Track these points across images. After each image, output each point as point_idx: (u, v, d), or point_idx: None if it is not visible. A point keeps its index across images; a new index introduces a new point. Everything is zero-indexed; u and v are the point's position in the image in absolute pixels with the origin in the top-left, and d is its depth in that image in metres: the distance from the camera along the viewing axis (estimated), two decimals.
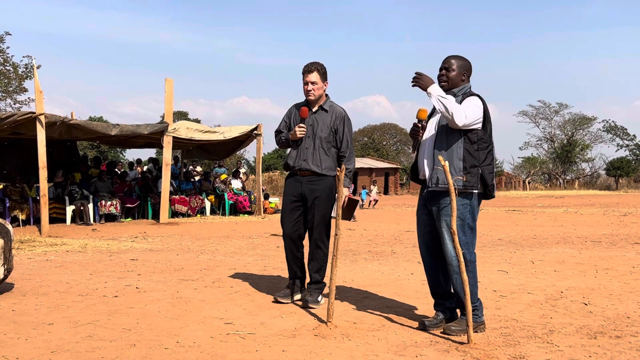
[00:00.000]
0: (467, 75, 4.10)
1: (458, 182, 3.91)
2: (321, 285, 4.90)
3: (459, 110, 3.85)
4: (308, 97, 4.83)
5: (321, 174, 4.81)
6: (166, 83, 14.48)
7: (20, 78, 32.22)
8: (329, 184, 4.81)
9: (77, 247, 9.32)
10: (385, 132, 67.03)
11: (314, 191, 4.80)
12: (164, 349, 3.58)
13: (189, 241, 10.47)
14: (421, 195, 4.24)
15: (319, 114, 4.87)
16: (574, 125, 61.88)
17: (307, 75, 4.78)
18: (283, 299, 4.85)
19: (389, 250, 8.95)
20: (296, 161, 4.86)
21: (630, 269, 6.77)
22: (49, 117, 12.22)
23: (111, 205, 14.32)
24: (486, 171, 4.01)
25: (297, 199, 4.88)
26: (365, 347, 3.67)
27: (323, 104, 4.88)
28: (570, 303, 4.96)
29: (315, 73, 4.78)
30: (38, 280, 5.88)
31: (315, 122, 4.84)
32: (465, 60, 4.11)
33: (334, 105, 4.93)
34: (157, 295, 5.13)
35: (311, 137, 4.83)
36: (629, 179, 56.54)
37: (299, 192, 4.86)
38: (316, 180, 4.82)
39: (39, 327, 4.06)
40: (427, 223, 4.18)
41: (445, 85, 4.08)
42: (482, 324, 4.04)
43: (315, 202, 4.80)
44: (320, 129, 4.82)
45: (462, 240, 3.96)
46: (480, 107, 3.96)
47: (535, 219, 16.09)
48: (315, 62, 4.82)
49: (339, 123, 4.84)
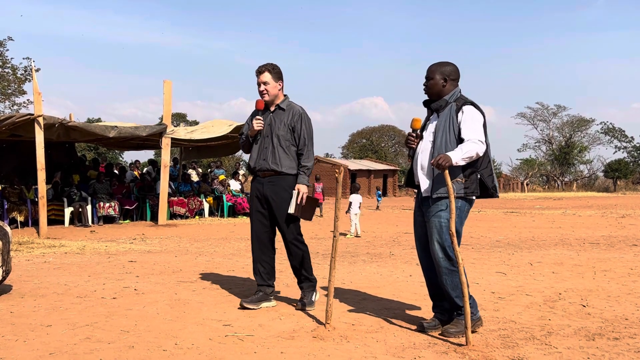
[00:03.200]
0: (450, 80, 4.09)
1: (458, 187, 3.92)
2: (312, 282, 4.85)
3: (476, 146, 3.86)
4: (263, 97, 4.81)
5: (280, 172, 4.75)
6: (165, 85, 14.48)
7: (20, 81, 32.24)
8: (288, 183, 4.76)
9: (75, 248, 9.31)
10: (383, 134, 67.04)
11: (276, 192, 4.75)
12: (162, 350, 3.58)
13: (187, 243, 10.47)
14: (417, 199, 4.27)
15: (276, 113, 4.84)
16: (572, 127, 61.96)
17: (259, 76, 4.78)
18: (250, 305, 4.69)
19: (387, 252, 8.95)
20: (257, 162, 4.82)
21: (629, 270, 6.78)
22: (47, 119, 12.22)
23: (109, 207, 14.31)
24: (485, 174, 4.04)
25: (261, 200, 4.84)
26: (364, 349, 3.67)
27: (280, 103, 4.85)
28: (569, 305, 4.96)
29: (267, 73, 4.77)
30: (36, 282, 5.87)
31: (273, 121, 4.81)
32: (446, 66, 4.12)
33: (291, 104, 4.89)
34: (156, 297, 5.13)
35: (270, 136, 4.79)
36: (627, 181, 56.62)
37: (261, 193, 4.81)
38: (277, 180, 4.77)
39: (37, 329, 4.05)
40: (422, 225, 4.19)
41: (427, 94, 4.15)
42: (478, 319, 4.07)
43: (279, 202, 4.74)
44: (278, 128, 4.78)
45: (448, 242, 3.97)
46: (481, 120, 3.99)
47: (533, 221, 16.11)
48: (267, 63, 4.81)
49: (297, 121, 4.79)
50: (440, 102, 4.08)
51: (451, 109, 4.01)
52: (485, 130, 4.02)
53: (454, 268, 3.97)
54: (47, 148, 12.55)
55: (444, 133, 3.98)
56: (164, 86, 14.48)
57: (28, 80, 31.72)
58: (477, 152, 3.87)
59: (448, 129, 3.98)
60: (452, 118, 3.99)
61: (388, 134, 67.14)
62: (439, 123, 4.03)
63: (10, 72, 32.29)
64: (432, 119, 4.15)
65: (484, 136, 3.96)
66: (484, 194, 4.12)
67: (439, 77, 4.09)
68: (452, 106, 4.02)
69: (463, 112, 3.98)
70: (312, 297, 4.79)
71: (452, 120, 3.98)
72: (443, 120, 4.02)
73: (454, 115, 3.99)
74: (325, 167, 42.48)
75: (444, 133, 3.98)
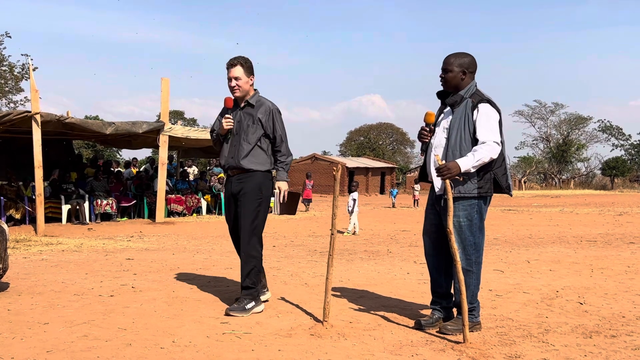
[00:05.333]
0: (468, 72, 3.98)
1: (469, 187, 3.87)
2: (250, 290, 4.49)
3: (490, 149, 3.78)
4: (234, 93, 4.60)
5: (248, 169, 4.58)
6: (162, 82, 14.45)
7: (17, 78, 32.17)
8: (256, 180, 4.59)
9: (72, 246, 9.30)
10: (381, 131, 67.10)
11: (242, 189, 4.59)
12: (159, 348, 3.58)
13: (185, 240, 10.46)
14: (430, 195, 4.20)
15: (245, 109, 4.65)
16: (570, 125, 62.03)
17: (230, 70, 4.55)
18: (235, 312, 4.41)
19: (385, 250, 8.96)
20: (227, 160, 4.67)
21: (626, 268, 6.79)
22: (44, 116, 12.18)
23: (107, 204, 14.29)
24: (499, 173, 3.95)
25: (230, 200, 4.73)
26: (362, 347, 3.67)
27: (250, 98, 4.64)
28: (566, 302, 4.97)
29: (239, 67, 4.55)
30: (34, 280, 5.86)
31: (242, 118, 4.63)
32: (465, 57, 4.00)
33: (261, 99, 4.68)
34: (153, 295, 5.12)
35: (239, 133, 4.62)
36: (625, 179, 56.70)
37: (230, 191, 4.71)
38: (244, 177, 4.60)
39: (34, 326, 4.05)
40: (433, 222, 4.13)
41: (445, 87, 4.03)
42: (477, 324, 4.04)
43: (242, 199, 4.57)
44: (247, 124, 4.60)
45: (470, 241, 3.95)
46: (497, 118, 3.89)
47: (531, 219, 16.13)
48: (238, 57, 4.59)
49: (268, 118, 4.59)
50: (456, 97, 3.96)
51: (467, 106, 3.91)
52: (501, 129, 3.93)
53: (471, 269, 3.95)
54: (45, 145, 12.52)
55: (459, 131, 3.89)
56: (162, 83, 14.45)
57: (25, 78, 31.65)
58: (491, 156, 3.79)
59: (463, 126, 3.89)
60: (467, 115, 3.88)
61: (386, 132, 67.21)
62: (453, 120, 3.94)
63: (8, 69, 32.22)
64: (447, 113, 4.03)
65: (500, 135, 3.87)
66: (498, 191, 4.04)
67: (457, 70, 3.95)
68: (467, 102, 3.91)
69: (479, 110, 3.87)
70: (244, 304, 4.44)
71: (467, 118, 3.88)
72: (458, 117, 3.92)
73: (469, 112, 3.88)
74: (322, 165, 42.51)
75: (459, 131, 3.89)
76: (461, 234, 3.92)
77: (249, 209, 4.55)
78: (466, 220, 3.92)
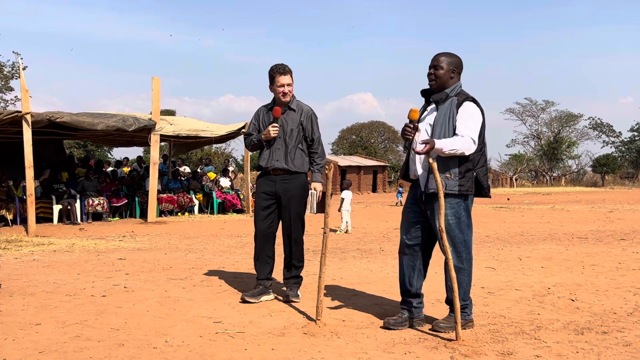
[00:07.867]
0: (456, 72, 4.03)
1: (450, 184, 3.90)
2: (300, 279, 5.05)
3: (467, 144, 3.82)
4: (284, 99, 4.89)
5: (294, 171, 4.90)
6: (153, 82, 14.40)
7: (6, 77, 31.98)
8: (301, 182, 4.95)
9: (64, 246, 9.26)
10: (373, 130, 67.07)
11: (288, 190, 4.90)
12: (152, 348, 3.57)
13: (177, 240, 10.44)
14: (411, 193, 4.21)
15: (287, 113, 4.94)
16: (561, 122, 62.27)
17: (283, 77, 4.85)
18: (251, 299, 4.81)
19: (378, 248, 8.97)
20: (269, 162, 4.93)
21: (617, 265, 6.83)
22: (35, 116, 12.12)
23: (98, 203, 14.22)
24: (480, 174, 4.00)
25: (271, 197, 4.95)
26: (354, 345, 3.68)
27: (290, 103, 4.95)
28: (558, 299, 5.00)
29: (289, 75, 4.87)
30: (25, 280, 5.83)
31: (285, 122, 4.91)
32: (454, 57, 4.05)
33: (300, 104, 5.01)
34: (146, 295, 5.11)
35: (282, 136, 4.90)
36: (615, 176, 56.98)
37: (272, 190, 4.93)
38: (289, 178, 4.91)
39: (26, 327, 4.03)
40: (412, 221, 4.14)
41: (433, 84, 4.04)
42: (470, 321, 4.06)
43: (289, 200, 4.90)
44: (289, 128, 4.91)
45: (460, 239, 3.97)
46: (479, 117, 3.93)
47: (522, 216, 16.20)
48: (285, 65, 4.91)
49: (308, 121, 4.94)
50: (441, 95, 3.99)
51: (452, 104, 3.94)
52: (483, 130, 3.96)
53: (462, 266, 3.97)
54: (35, 145, 12.45)
55: (443, 127, 3.92)
56: (153, 83, 14.41)
57: (15, 77, 31.46)
58: (466, 150, 3.82)
59: (447, 123, 3.91)
60: (452, 112, 3.92)
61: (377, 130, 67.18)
62: (438, 116, 3.97)
63: None
64: (431, 110, 4.06)
65: (479, 136, 3.90)
66: (478, 193, 4.08)
67: (448, 68, 4.00)
68: (453, 100, 3.95)
69: (463, 107, 3.91)
70: (297, 291, 4.98)
71: (452, 115, 3.91)
72: (443, 114, 3.95)
73: (454, 110, 3.92)
74: None
75: (443, 127, 3.92)
76: (450, 232, 3.94)
77: (299, 209, 4.98)
78: (454, 219, 3.95)
